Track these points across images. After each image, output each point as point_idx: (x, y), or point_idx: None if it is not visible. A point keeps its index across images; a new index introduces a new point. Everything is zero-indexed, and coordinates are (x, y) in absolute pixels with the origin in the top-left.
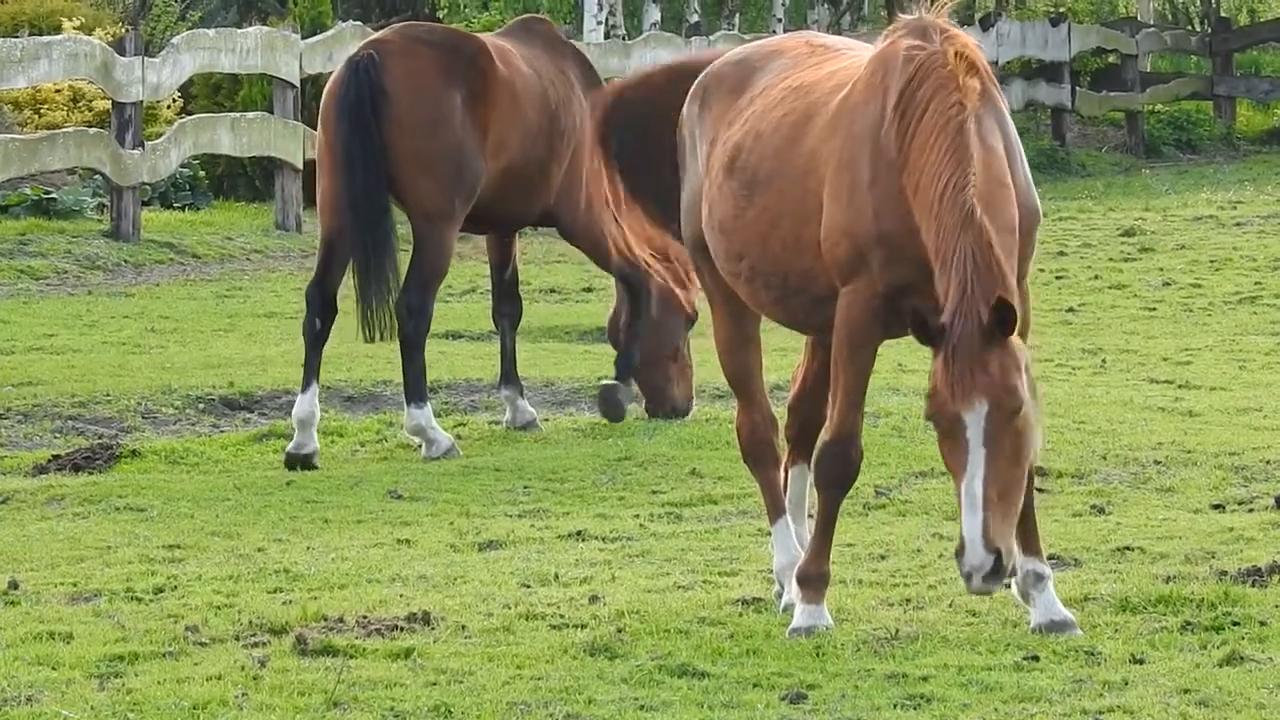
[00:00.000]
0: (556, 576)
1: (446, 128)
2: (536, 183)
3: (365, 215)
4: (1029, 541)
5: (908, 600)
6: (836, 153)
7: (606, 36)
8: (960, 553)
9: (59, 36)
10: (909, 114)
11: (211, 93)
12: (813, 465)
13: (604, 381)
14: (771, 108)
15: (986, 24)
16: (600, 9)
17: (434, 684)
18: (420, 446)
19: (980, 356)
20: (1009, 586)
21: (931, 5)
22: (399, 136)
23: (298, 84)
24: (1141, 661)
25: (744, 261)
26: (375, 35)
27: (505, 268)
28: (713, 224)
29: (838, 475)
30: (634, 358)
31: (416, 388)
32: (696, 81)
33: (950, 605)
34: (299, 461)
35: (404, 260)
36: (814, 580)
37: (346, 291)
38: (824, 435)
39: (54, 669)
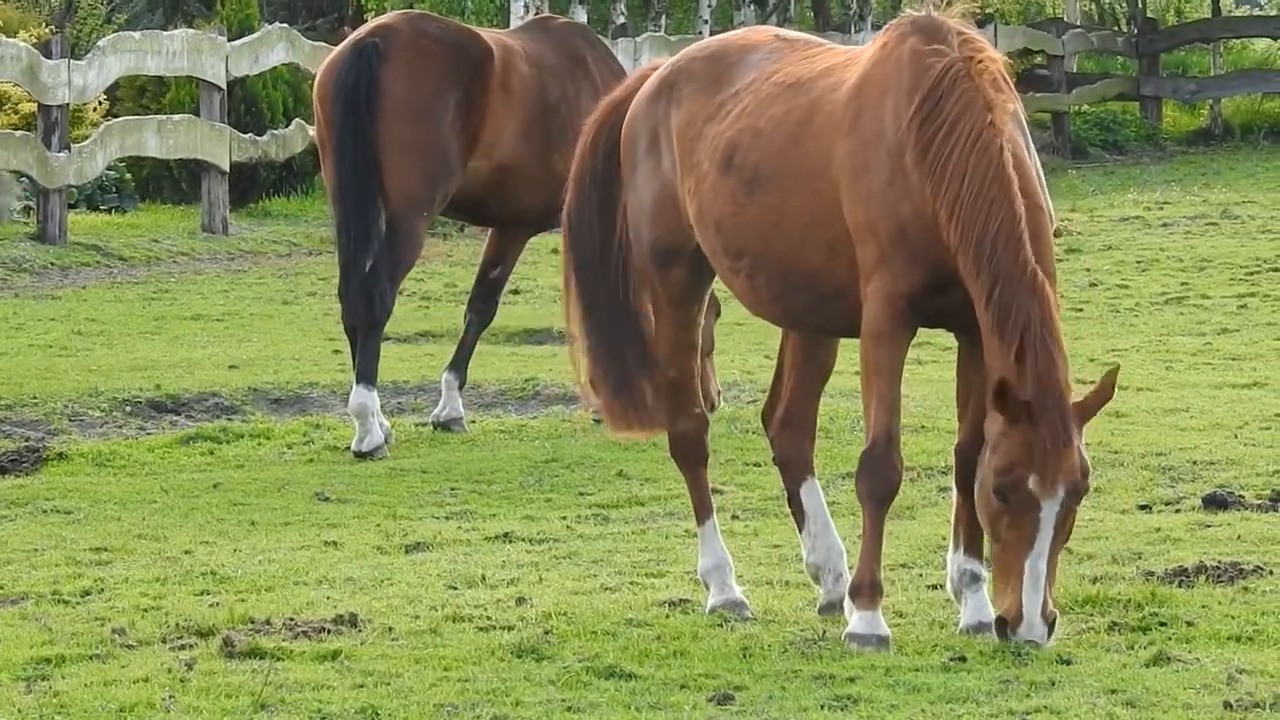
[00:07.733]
0: (483, 578)
1: (434, 124)
2: (535, 176)
3: (352, 202)
4: (972, 543)
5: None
6: (851, 158)
7: None
8: (1016, 624)
9: None
10: (933, 122)
11: (137, 95)
12: (856, 476)
13: None
14: (767, 104)
15: None
16: (526, 10)
17: (361, 686)
18: (354, 436)
19: (1064, 442)
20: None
21: (932, 3)
22: (387, 125)
23: (224, 86)
24: (1068, 662)
25: (744, 259)
26: (383, 20)
27: (495, 266)
28: (706, 221)
29: (878, 487)
30: None
31: (368, 371)
32: (658, 78)
33: None
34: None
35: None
36: (866, 589)
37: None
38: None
39: None
